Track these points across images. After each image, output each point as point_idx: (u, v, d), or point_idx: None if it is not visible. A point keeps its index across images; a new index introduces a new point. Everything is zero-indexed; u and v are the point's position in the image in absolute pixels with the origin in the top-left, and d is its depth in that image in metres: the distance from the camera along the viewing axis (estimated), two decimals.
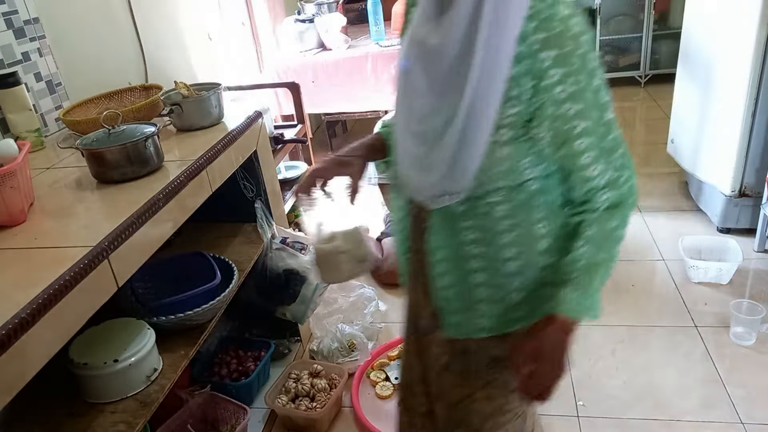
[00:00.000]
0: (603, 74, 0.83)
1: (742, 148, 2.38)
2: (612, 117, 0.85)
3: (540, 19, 0.78)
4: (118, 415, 1.24)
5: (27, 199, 1.22)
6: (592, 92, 0.81)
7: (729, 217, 2.52)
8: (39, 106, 1.71)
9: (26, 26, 1.68)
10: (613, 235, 0.88)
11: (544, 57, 0.79)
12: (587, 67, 0.80)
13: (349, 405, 1.88)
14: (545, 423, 1.74)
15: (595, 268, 0.88)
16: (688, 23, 2.75)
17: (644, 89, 4.60)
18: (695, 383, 1.83)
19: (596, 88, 0.82)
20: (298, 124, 2.77)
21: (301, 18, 3.36)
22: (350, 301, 2.26)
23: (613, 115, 0.85)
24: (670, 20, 4.44)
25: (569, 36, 0.78)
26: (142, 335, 1.34)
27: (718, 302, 2.16)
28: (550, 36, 0.78)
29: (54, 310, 0.94)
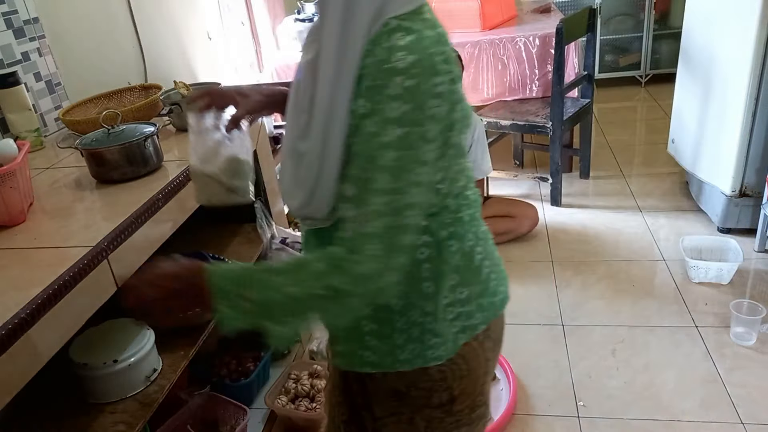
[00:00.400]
0: (420, 128, 0.70)
1: (743, 147, 2.38)
2: (396, 186, 0.71)
3: (375, 49, 0.71)
4: (118, 415, 1.24)
5: (26, 199, 1.22)
6: (381, 146, 0.70)
7: (729, 217, 2.52)
8: (38, 105, 1.71)
9: (26, 26, 1.68)
10: (313, 292, 0.74)
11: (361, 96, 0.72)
12: (384, 113, 0.70)
13: None
14: (546, 423, 1.75)
15: (274, 289, 0.76)
16: (689, 23, 2.74)
17: (645, 89, 4.60)
18: (695, 383, 1.83)
19: (386, 142, 0.70)
20: None
21: (301, 18, 3.35)
22: None
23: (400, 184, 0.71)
24: (671, 20, 4.44)
25: (384, 69, 0.70)
26: (141, 335, 1.34)
27: (718, 302, 2.16)
28: (374, 64, 0.71)
29: (54, 310, 0.94)
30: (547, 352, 2.02)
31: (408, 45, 0.70)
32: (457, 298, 0.88)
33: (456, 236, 0.86)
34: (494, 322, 0.95)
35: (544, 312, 2.23)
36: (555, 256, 2.57)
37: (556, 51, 2.72)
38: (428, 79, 0.70)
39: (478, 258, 0.90)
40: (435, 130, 0.72)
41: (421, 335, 0.87)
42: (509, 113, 2.98)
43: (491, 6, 3.25)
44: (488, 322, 0.93)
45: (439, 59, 0.72)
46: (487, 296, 0.92)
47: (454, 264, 0.87)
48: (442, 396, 0.92)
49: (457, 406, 0.94)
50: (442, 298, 0.87)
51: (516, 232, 2.70)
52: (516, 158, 3.54)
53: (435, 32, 0.74)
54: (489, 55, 3.04)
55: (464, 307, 0.89)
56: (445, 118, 0.74)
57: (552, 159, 2.91)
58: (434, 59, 0.71)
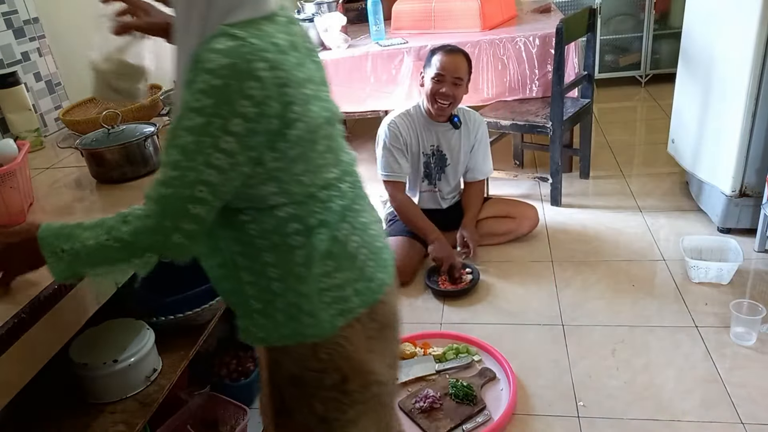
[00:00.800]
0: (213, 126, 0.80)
1: (743, 147, 2.38)
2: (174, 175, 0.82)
3: (195, 55, 0.81)
4: (118, 415, 1.24)
5: (26, 199, 1.22)
6: (182, 128, 0.81)
7: (729, 217, 2.52)
8: (38, 105, 1.71)
9: (26, 26, 1.68)
10: (105, 243, 0.85)
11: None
12: (189, 102, 0.80)
13: None
14: (545, 423, 1.75)
15: (80, 241, 0.86)
16: (689, 23, 2.74)
17: (645, 89, 4.60)
18: (695, 383, 1.83)
19: (186, 125, 0.80)
20: None
21: (301, 18, 3.35)
22: None
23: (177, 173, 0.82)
24: (671, 20, 4.44)
25: (198, 68, 0.79)
26: (142, 335, 1.34)
27: (718, 302, 2.16)
28: (193, 61, 0.80)
29: (54, 310, 0.94)
30: (547, 352, 2.02)
31: (224, 50, 0.79)
32: (333, 283, 0.96)
33: (326, 224, 0.94)
34: (379, 307, 1.04)
35: (544, 312, 2.23)
36: (555, 256, 2.57)
37: (556, 51, 2.72)
38: (238, 82, 0.79)
39: (353, 246, 0.98)
40: (242, 126, 0.81)
41: (298, 315, 0.96)
42: (509, 113, 2.98)
43: (491, 6, 3.25)
44: (366, 305, 1.01)
45: (260, 66, 0.80)
46: (363, 281, 1.00)
47: (326, 250, 0.94)
48: (334, 376, 1.01)
49: (349, 385, 1.02)
50: (316, 281, 0.95)
51: (516, 233, 2.70)
52: (516, 158, 3.54)
53: (266, 42, 0.82)
54: (489, 55, 3.04)
55: (340, 292, 0.97)
56: (267, 119, 0.82)
57: (552, 159, 2.91)
58: (252, 65, 0.79)
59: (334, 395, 1.03)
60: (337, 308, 0.97)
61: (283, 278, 0.94)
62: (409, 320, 2.28)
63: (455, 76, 2.38)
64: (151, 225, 0.83)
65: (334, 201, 0.95)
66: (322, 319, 0.96)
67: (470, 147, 2.61)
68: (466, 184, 2.71)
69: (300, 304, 0.95)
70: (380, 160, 2.52)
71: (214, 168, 0.82)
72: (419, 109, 2.53)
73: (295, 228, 0.92)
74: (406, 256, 2.50)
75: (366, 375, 1.04)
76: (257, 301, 0.98)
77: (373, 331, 1.05)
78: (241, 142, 0.82)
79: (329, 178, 0.95)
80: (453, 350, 2.03)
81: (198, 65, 0.79)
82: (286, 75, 0.84)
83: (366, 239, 1.01)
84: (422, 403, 1.80)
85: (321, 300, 0.96)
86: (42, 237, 0.87)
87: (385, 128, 2.50)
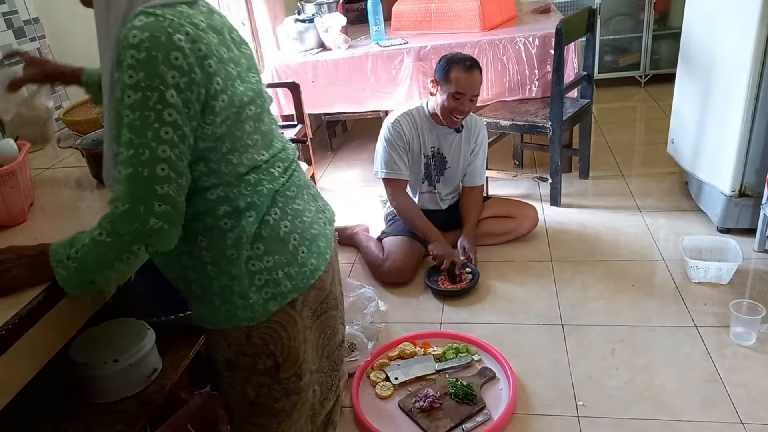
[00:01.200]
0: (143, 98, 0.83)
1: (742, 147, 2.38)
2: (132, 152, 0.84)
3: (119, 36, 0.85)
4: (118, 415, 1.24)
5: (27, 199, 1.22)
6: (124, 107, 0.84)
7: (729, 217, 2.52)
8: None
9: (26, 26, 1.68)
10: (97, 238, 0.87)
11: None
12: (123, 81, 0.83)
13: (349, 405, 1.89)
14: (545, 422, 1.75)
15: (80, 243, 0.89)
16: (688, 23, 2.75)
17: (644, 89, 4.60)
18: (695, 383, 1.83)
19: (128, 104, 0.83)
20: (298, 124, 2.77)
21: (301, 18, 3.36)
22: (350, 301, 2.26)
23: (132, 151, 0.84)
24: (670, 20, 4.45)
25: (122, 46, 0.83)
26: (142, 335, 1.34)
27: (718, 302, 2.16)
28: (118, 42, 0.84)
29: (54, 311, 0.94)
30: (546, 352, 2.02)
31: (142, 26, 0.83)
32: (264, 266, 0.99)
33: (254, 207, 0.97)
34: (312, 293, 1.07)
35: (543, 312, 2.23)
36: (555, 256, 2.57)
37: (555, 51, 2.72)
38: (162, 53, 0.83)
39: (283, 231, 1.01)
40: (177, 97, 0.84)
41: (231, 297, 0.99)
42: (509, 113, 2.99)
43: (491, 6, 3.25)
44: (299, 290, 1.03)
45: (179, 37, 0.84)
46: (295, 266, 1.02)
47: (255, 233, 0.97)
48: (267, 362, 1.04)
49: (282, 373, 1.06)
50: (246, 264, 0.97)
51: (516, 233, 2.70)
52: (515, 158, 3.54)
53: (184, 19, 0.86)
54: (489, 56, 3.04)
55: (271, 275, 1.00)
56: (195, 88, 0.86)
57: (551, 159, 2.91)
58: (172, 37, 0.84)
59: (266, 381, 1.06)
60: (269, 292, 1.00)
61: (216, 261, 0.97)
62: (409, 320, 2.28)
63: (474, 94, 2.39)
64: (125, 209, 0.85)
65: (263, 184, 0.99)
66: (254, 302, 0.99)
67: (470, 150, 2.61)
68: (464, 189, 2.70)
69: (232, 287, 0.98)
70: (381, 158, 2.51)
71: (165, 143, 0.85)
72: (423, 111, 2.52)
73: (225, 210, 0.95)
74: (406, 255, 2.50)
75: (300, 363, 1.07)
76: (197, 286, 1.01)
77: (308, 320, 1.08)
78: (182, 114, 0.85)
79: (258, 160, 0.99)
80: (453, 350, 2.03)
81: (121, 42, 0.83)
82: (207, 48, 0.88)
83: (298, 225, 1.04)
84: (422, 402, 1.80)
85: (252, 283, 0.98)
86: (53, 249, 0.91)
87: (388, 126, 2.50)
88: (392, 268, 2.49)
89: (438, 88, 2.42)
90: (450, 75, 2.35)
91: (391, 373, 1.96)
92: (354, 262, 2.72)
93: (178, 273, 1.03)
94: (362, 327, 2.12)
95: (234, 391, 1.09)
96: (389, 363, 2.02)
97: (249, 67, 1.01)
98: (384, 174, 2.52)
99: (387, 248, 2.55)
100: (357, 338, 2.05)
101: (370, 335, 2.10)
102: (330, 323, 1.17)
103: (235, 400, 1.10)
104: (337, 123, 4.32)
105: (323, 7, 3.46)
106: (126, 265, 0.89)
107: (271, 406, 1.09)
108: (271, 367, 1.05)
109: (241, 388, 1.08)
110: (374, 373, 1.98)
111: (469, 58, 2.39)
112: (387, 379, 1.95)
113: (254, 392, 1.07)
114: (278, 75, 3.25)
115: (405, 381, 1.93)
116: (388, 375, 1.96)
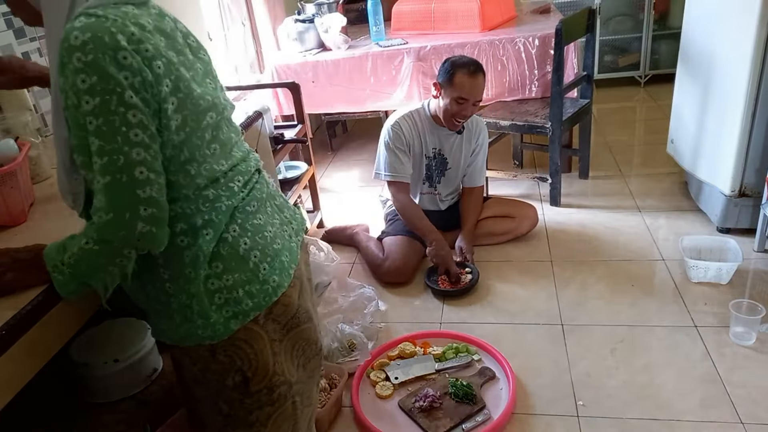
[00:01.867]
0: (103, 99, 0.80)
1: (742, 148, 2.38)
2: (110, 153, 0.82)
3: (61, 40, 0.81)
4: (118, 415, 1.24)
5: (27, 199, 1.22)
6: (84, 114, 0.81)
7: (729, 217, 2.52)
8: (39, 106, 1.71)
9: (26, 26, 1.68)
10: (85, 246, 0.87)
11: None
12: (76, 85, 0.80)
13: (349, 405, 1.89)
14: (545, 422, 1.75)
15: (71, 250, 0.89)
16: (688, 23, 2.75)
17: (644, 89, 4.60)
18: (695, 383, 1.83)
19: (87, 110, 0.81)
20: (298, 124, 2.77)
21: (301, 18, 3.36)
22: (350, 301, 2.26)
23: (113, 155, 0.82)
24: (670, 20, 4.45)
25: (64, 48, 0.80)
26: (142, 335, 1.34)
27: (717, 302, 2.16)
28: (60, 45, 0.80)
29: (54, 311, 0.94)
30: (546, 352, 2.02)
31: (83, 26, 0.80)
32: (224, 285, 0.96)
33: (211, 225, 0.95)
34: (277, 309, 1.03)
35: (543, 312, 2.23)
36: (554, 256, 2.58)
37: (555, 51, 2.72)
38: (108, 54, 0.80)
39: (243, 248, 0.98)
40: (136, 98, 0.82)
41: (191, 316, 0.95)
42: (509, 113, 2.99)
43: (490, 7, 3.25)
44: (261, 308, 0.99)
45: (122, 38, 0.81)
46: (257, 284, 0.99)
47: (212, 251, 0.95)
48: (235, 377, 1.00)
49: (253, 386, 1.02)
50: (205, 282, 0.95)
51: (515, 233, 2.70)
52: (515, 158, 3.55)
53: (128, 20, 0.84)
54: (488, 56, 3.04)
55: (231, 294, 0.96)
56: (150, 89, 0.84)
57: (551, 159, 2.91)
58: (115, 37, 0.80)
59: (237, 396, 1.03)
60: (230, 310, 0.96)
61: (174, 279, 0.95)
62: (409, 320, 2.28)
63: (477, 99, 2.38)
64: (109, 219, 0.84)
65: (221, 201, 0.96)
66: (215, 321, 0.95)
67: (471, 151, 2.61)
68: (465, 190, 2.70)
69: (191, 305, 0.95)
70: (383, 160, 2.51)
71: (138, 145, 0.83)
72: (424, 112, 2.52)
73: (182, 227, 0.93)
74: (406, 255, 2.50)
75: (271, 377, 1.03)
76: (156, 302, 0.98)
77: (276, 333, 1.04)
78: (145, 113, 0.83)
79: (217, 170, 0.96)
80: (453, 350, 2.03)
81: (63, 44, 0.80)
82: (154, 50, 0.85)
83: (259, 241, 1.00)
84: (422, 402, 1.80)
85: (212, 302, 0.95)
86: (46, 253, 0.91)
87: (388, 128, 2.50)
88: (392, 268, 2.49)
89: (441, 92, 2.41)
90: (454, 79, 2.34)
91: (391, 372, 1.96)
92: (354, 262, 2.72)
93: (137, 286, 1.00)
94: (362, 327, 2.12)
95: (205, 405, 1.06)
96: (389, 363, 2.02)
97: (206, 73, 0.99)
98: (387, 177, 2.51)
99: (387, 248, 2.56)
100: (357, 338, 2.05)
101: (370, 335, 2.10)
102: (304, 336, 1.13)
103: (207, 414, 1.07)
104: (337, 123, 4.32)
105: (323, 7, 3.47)
106: (119, 267, 0.89)
107: (245, 418, 1.06)
108: (240, 382, 1.01)
109: (212, 401, 1.05)
110: (374, 373, 1.98)
111: (473, 62, 2.38)
112: (387, 378, 1.95)
113: (227, 406, 1.04)
114: (278, 75, 3.25)
115: (405, 381, 1.93)
116: (388, 375, 1.96)
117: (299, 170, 2.76)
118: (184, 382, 1.07)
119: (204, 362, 1.00)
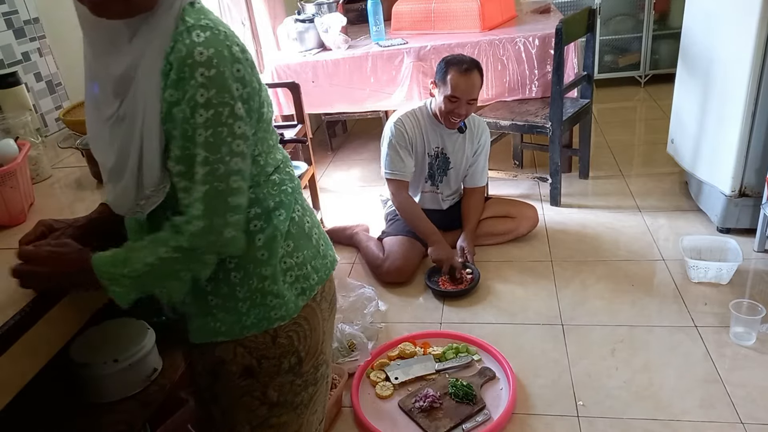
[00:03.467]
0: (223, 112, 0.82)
1: (742, 148, 2.38)
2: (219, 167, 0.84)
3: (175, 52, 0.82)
4: (118, 415, 1.24)
5: (27, 199, 1.22)
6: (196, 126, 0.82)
7: (729, 217, 2.52)
8: (39, 106, 1.72)
9: (26, 26, 1.68)
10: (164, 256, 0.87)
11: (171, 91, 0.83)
12: (195, 99, 0.81)
13: (349, 405, 1.89)
14: (545, 422, 1.75)
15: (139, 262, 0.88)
16: (688, 23, 2.75)
17: (644, 89, 4.60)
18: (695, 383, 1.83)
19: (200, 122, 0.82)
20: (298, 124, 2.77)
21: (301, 18, 3.35)
22: (350, 301, 2.26)
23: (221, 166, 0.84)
24: (670, 20, 4.45)
25: (187, 63, 0.81)
26: (142, 335, 1.34)
27: (718, 302, 2.16)
28: (179, 65, 0.81)
29: (54, 311, 0.94)
30: (546, 352, 2.02)
31: (205, 42, 0.82)
32: (295, 262, 1.01)
33: (283, 206, 0.99)
34: (328, 285, 1.09)
35: (543, 312, 2.23)
36: (555, 256, 2.58)
37: (555, 51, 2.72)
38: (228, 68, 0.83)
39: (307, 226, 1.05)
40: (243, 108, 0.85)
41: (263, 299, 0.98)
42: (509, 113, 2.99)
43: (491, 6, 3.25)
44: (323, 282, 1.06)
45: (237, 49, 0.85)
46: (319, 258, 1.06)
47: (285, 231, 0.99)
48: (291, 360, 1.03)
49: (304, 367, 1.05)
50: (279, 262, 0.98)
51: (516, 233, 2.70)
52: (515, 158, 3.55)
53: (225, 26, 0.87)
54: (489, 56, 3.04)
55: (301, 270, 1.02)
56: (254, 97, 0.88)
57: (551, 159, 2.91)
58: (232, 50, 0.84)
59: (290, 379, 1.04)
60: (299, 287, 1.01)
61: (242, 266, 0.96)
62: (409, 320, 2.28)
63: (470, 98, 2.38)
64: (203, 226, 0.86)
65: (286, 184, 1.01)
66: (288, 299, 0.99)
67: (473, 151, 2.61)
68: (466, 190, 2.70)
69: (264, 288, 0.97)
70: (385, 158, 2.51)
71: (238, 155, 0.86)
72: (426, 110, 2.52)
73: (255, 212, 0.96)
74: (406, 255, 2.50)
75: (318, 355, 1.08)
76: (216, 296, 0.98)
77: (325, 312, 1.09)
78: (248, 124, 0.87)
79: (278, 160, 1.01)
80: (453, 350, 2.03)
81: (185, 60, 0.81)
82: (250, 54, 0.89)
83: (314, 219, 1.08)
84: (422, 402, 1.80)
85: (285, 280, 0.99)
86: (97, 266, 0.88)
87: (391, 126, 2.50)
88: (392, 268, 2.49)
89: (437, 90, 2.42)
90: (447, 78, 2.35)
91: (391, 373, 1.96)
92: (354, 262, 2.72)
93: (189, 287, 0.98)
94: (362, 327, 2.12)
95: (251, 398, 1.04)
96: (389, 363, 2.02)
97: None
98: (387, 174, 2.52)
99: (387, 248, 2.55)
100: (357, 338, 2.05)
101: (370, 335, 2.10)
102: (335, 315, 1.17)
103: (248, 408, 1.04)
104: (337, 123, 4.32)
105: (323, 7, 3.46)
106: (194, 272, 0.90)
107: (292, 401, 1.06)
108: (295, 363, 1.04)
109: (260, 393, 1.03)
110: (374, 373, 1.98)
111: (468, 60, 2.38)
112: (387, 379, 1.95)
113: (276, 393, 1.04)
114: (278, 75, 3.25)
115: (405, 381, 1.93)
116: (388, 375, 1.96)
117: (299, 170, 2.75)
118: (224, 379, 1.03)
119: (263, 349, 1.00)
